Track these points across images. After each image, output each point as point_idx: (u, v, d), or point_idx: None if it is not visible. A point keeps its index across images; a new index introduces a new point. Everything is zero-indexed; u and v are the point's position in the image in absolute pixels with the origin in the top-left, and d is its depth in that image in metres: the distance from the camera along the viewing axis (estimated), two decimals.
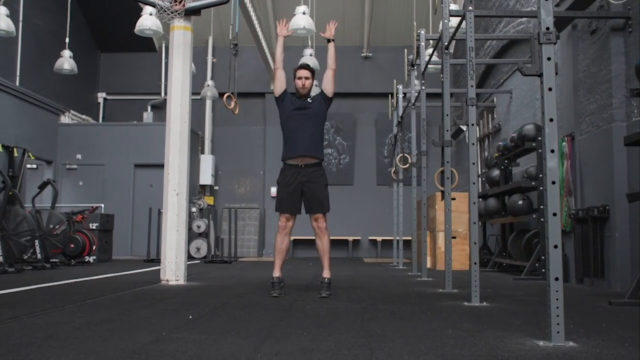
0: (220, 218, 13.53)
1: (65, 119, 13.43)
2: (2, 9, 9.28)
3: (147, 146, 13.32)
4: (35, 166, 12.47)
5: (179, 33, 6.22)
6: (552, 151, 2.83)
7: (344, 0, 13.96)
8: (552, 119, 2.85)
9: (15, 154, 8.42)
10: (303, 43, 13.86)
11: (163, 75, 14.83)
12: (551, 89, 2.88)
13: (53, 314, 3.63)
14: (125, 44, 14.80)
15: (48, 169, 12.90)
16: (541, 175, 7.01)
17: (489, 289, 5.57)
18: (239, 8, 7.38)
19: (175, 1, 6.05)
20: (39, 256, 8.31)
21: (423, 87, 7.23)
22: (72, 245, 9.21)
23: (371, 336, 2.93)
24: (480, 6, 11.39)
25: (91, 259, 9.78)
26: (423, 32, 7.49)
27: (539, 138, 7.12)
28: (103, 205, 11.55)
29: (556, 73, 2.87)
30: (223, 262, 10.34)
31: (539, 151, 7.07)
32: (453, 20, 8.86)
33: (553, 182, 2.82)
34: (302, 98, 5.08)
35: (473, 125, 4.53)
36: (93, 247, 9.56)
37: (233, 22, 7.01)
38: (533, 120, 8.31)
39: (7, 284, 5.62)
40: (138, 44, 14.71)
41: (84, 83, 14.18)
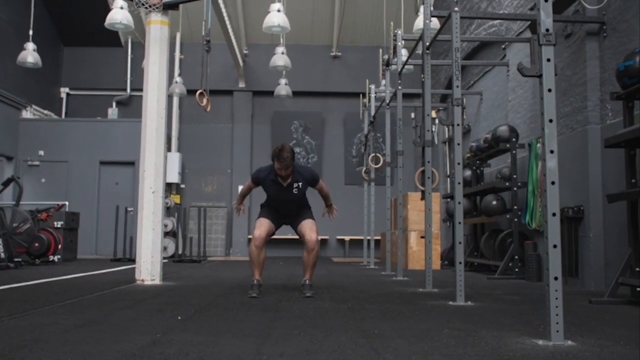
0: (187, 217, 13.33)
1: (27, 114, 13.01)
2: None
3: (113, 143, 13.04)
4: None
5: (156, 27, 6.09)
6: (552, 152, 2.86)
7: None
8: (552, 120, 2.87)
9: None
10: (272, 40, 13.79)
11: (129, 71, 14.54)
12: (551, 90, 2.90)
13: (34, 316, 3.49)
14: (89, 38, 14.44)
15: (9, 166, 12.49)
16: (515, 175, 7.14)
17: (468, 288, 5.59)
18: (212, 4, 7.28)
19: None
20: (2, 255, 8.04)
21: (400, 87, 7.24)
22: (37, 244, 8.92)
23: (369, 336, 2.90)
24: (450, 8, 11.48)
25: (56, 258, 9.50)
26: (400, 32, 7.51)
27: (513, 139, 7.24)
28: (67, 203, 11.24)
29: (555, 74, 2.89)
30: (192, 262, 10.19)
31: (513, 152, 7.19)
32: (422, 22, 8.94)
33: (552, 183, 2.85)
34: (284, 182, 4.81)
35: (459, 125, 4.55)
36: (58, 246, 9.28)
37: (206, 19, 6.88)
38: (505, 121, 8.43)
39: None
40: (103, 38, 14.38)
41: (47, 77, 13.77)
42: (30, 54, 10.90)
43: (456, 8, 4.65)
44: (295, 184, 4.80)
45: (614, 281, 4.47)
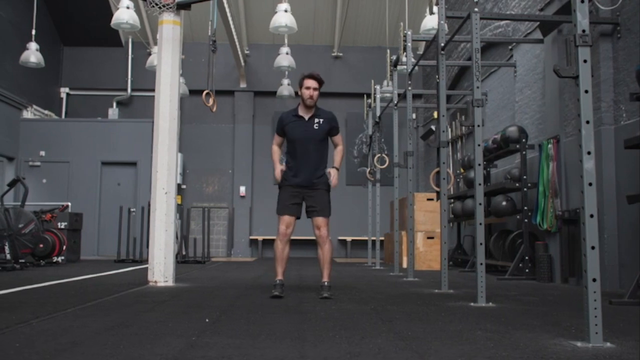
0: (189, 217, 13.27)
1: (27, 114, 12.94)
2: None
3: (115, 143, 12.98)
4: None
5: (168, 27, 6.05)
6: (589, 153, 2.85)
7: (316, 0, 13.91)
8: (589, 121, 2.87)
9: None
10: (274, 41, 13.78)
11: (130, 70, 14.48)
12: (587, 91, 2.90)
13: (60, 318, 3.45)
14: (89, 38, 14.40)
15: (9, 166, 12.41)
16: (525, 176, 7.14)
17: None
18: (217, 5, 7.24)
19: None
20: (8, 256, 7.97)
21: (410, 88, 7.24)
22: (42, 245, 8.86)
23: (405, 338, 2.89)
24: (454, 8, 11.51)
25: (60, 260, 9.44)
26: (410, 33, 7.50)
27: (523, 140, 7.24)
28: (70, 204, 11.17)
29: (592, 75, 2.89)
30: (197, 262, 10.15)
31: (523, 153, 7.20)
32: (431, 22, 8.95)
33: (590, 184, 2.84)
34: (308, 109, 4.89)
35: (479, 126, 4.54)
36: (63, 247, 9.22)
37: (212, 19, 6.84)
38: (511, 122, 8.44)
39: None
40: (103, 38, 14.34)
41: (47, 77, 13.69)
42: (33, 54, 10.83)
43: (476, 9, 4.64)
44: (316, 119, 4.86)
45: (635, 282, 4.48)
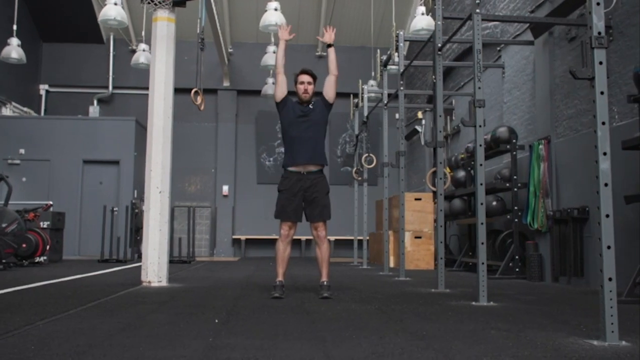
0: (172, 217, 13.15)
1: (6, 111, 12.67)
2: None
3: (97, 142, 12.78)
4: None
5: (163, 24, 5.98)
6: (605, 154, 2.88)
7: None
8: (605, 122, 2.90)
9: None
10: (257, 39, 13.72)
11: (111, 68, 14.29)
12: (603, 93, 2.93)
13: (65, 320, 3.39)
14: (69, 34, 14.15)
15: None
16: (515, 176, 7.21)
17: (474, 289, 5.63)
18: (205, 2, 7.17)
19: None
20: None
21: (402, 88, 7.26)
22: (25, 245, 8.68)
23: (422, 338, 2.89)
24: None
25: (42, 260, 9.26)
26: (402, 33, 7.52)
27: (513, 141, 7.32)
28: (51, 202, 10.96)
29: (608, 77, 2.92)
30: (182, 262, 10.05)
31: (514, 153, 7.27)
32: (421, 23, 8.99)
33: (606, 184, 2.87)
34: (304, 104, 4.96)
35: (481, 126, 4.57)
36: (47, 247, 9.05)
37: (200, 16, 6.79)
38: (499, 122, 8.52)
39: None
40: (83, 35, 14.13)
41: (25, 74, 13.41)
42: (14, 50, 10.63)
43: (478, 10, 4.67)
44: (313, 101, 5.01)
45: (632, 281, 4.55)
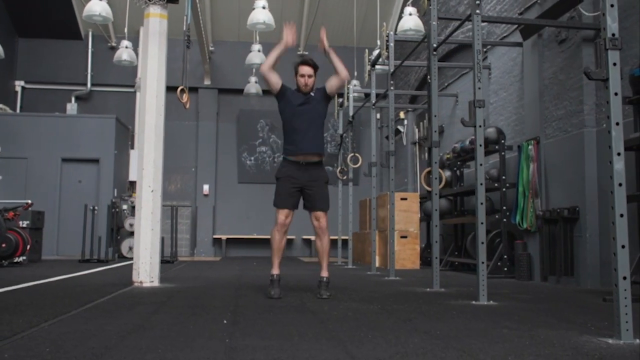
0: None
1: None
2: None
3: (76, 140, 12.56)
4: None
5: (155, 21, 5.88)
6: (619, 154, 2.91)
7: None
8: (619, 123, 2.93)
9: None
10: (239, 38, 13.63)
11: (89, 65, 14.05)
12: (617, 94, 2.96)
13: (69, 321, 3.30)
14: (47, 30, 13.88)
15: None
16: (504, 176, 7.27)
17: (472, 288, 5.66)
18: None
19: None
20: None
21: (392, 88, 7.28)
22: (5, 244, 8.47)
23: (438, 337, 2.88)
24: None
25: (22, 259, 9.04)
26: (392, 33, 7.53)
27: (502, 141, 7.39)
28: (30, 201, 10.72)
29: (621, 78, 2.96)
30: (166, 262, 9.90)
31: (502, 154, 7.34)
32: (408, 23, 9.01)
33: (620, 184, 2.90)
34: (305, 94, 4.93)
35: (481, 126, 4.59)
36: (27, 247, 8.84)
37: (187, 14, 6.70)
38: (486, 124, 8.58)
39: None
40: (61, 30, 13.87)
41: (0, 69, 13.11)
42: None
43: (478, 11, 4.69)
44: (313, 91, 4.92)
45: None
